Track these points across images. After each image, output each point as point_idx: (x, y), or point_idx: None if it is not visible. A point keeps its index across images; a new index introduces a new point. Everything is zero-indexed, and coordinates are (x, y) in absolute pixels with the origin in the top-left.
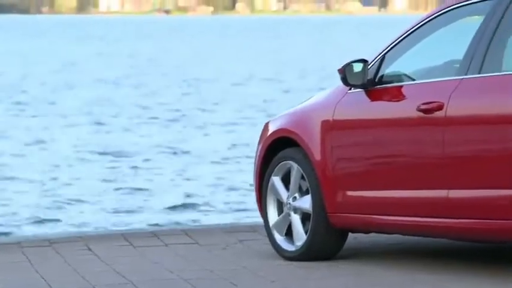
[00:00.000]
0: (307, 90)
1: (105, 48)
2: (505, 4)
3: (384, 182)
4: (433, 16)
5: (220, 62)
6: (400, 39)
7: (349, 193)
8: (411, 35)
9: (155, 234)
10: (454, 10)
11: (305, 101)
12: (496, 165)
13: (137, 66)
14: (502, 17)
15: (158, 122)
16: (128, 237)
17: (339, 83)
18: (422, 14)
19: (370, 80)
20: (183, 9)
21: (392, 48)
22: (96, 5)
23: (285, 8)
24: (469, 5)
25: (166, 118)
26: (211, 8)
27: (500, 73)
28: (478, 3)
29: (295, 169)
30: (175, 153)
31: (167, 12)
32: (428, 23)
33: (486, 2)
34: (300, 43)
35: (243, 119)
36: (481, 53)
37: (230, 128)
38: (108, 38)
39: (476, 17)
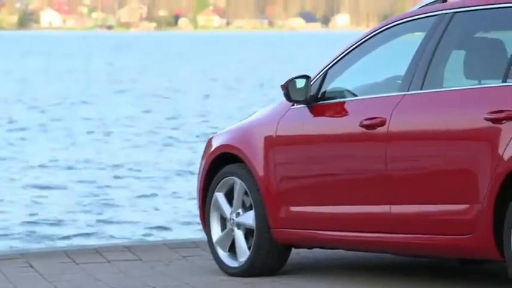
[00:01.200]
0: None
1: (51, 63)
2: (446, 21)
3: (327, 197)
4: (374, 32)
5: (172, 78)
6: (342, 55)
7: (293, 209)
8: (353, 51)
9: (98, 251)
10: (396, 27)
11: (249, 116)
12: (437, 181)
13: (90, 82)
14: (443, 34)
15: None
16: (70, 254)
17: (282, 98)
18: (364, 30)
19: (313, 96)
20: (126, 25)
21: (334, 64)
22: (37, 21)
23: (227, 24)
24: (410, 22)
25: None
26: (154, 24)
27: (442, 89)
28: (419, 20)
29: (239, 185)
30: (103, 168)
31: (109, 28)
32: (370, 40)
33: (427, 18)
34: (244, 59)
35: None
36: (422, 69)
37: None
38: (53, 53)
39: (418, 33)
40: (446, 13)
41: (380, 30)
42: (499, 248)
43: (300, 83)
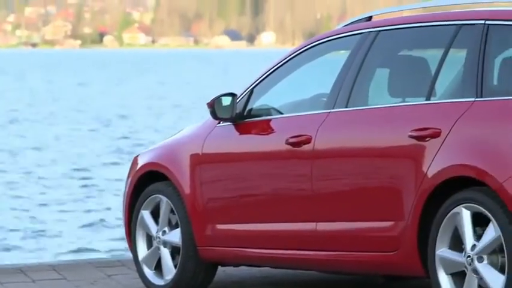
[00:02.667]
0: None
1: None
2: (371, 39)
3: (253, 215)
4: (300, 50)
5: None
6: (268, 73)
7: (219, 226)
8: (279, 69)
9: (22, 270)
10: (321, 45)
11: (174, 134)
12: (363, 198)
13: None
14: (368, 52)
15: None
16: None
17: (208, 116)
18: (289, 48)
19: (239, 114)
20: (51, 43)
21: (260, 82)
22: None
23: (153, 41)
24: (335, 40)
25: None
26: (79, 42)
27: (367, 107)
28: (344, 38)
29: (165, 203)
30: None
31: (34, 45)
32: (295, 58)
33: (352, 37)
34: (171, 77)
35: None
36: (347, 87)
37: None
38: None
39: (343, 51)
40: (371, 31)
41: (305, 48)
42: (424, 264)
43: (226, 101)
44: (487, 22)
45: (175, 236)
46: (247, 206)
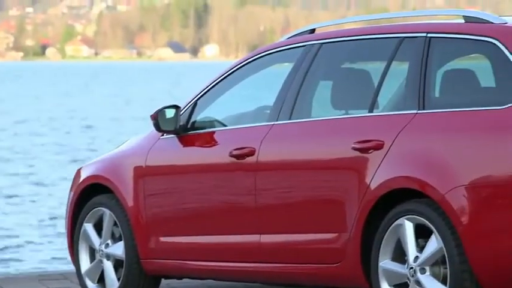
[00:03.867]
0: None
1: None
2: (314, 51)
3: (197, 227)
4: (244, 63)
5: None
6: (211, 85)
7: (163, 239)
8: (223, 81)
9: None
10: (265, 57)
11: (118, 146)
12: (306, 210)
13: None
14: (311, 64)
15: None
16: None
17: (152, 128)
18: (233, 60)
19: (183, 126)
20: None
21: (204, 94)
22: None
23: (96, 54)
24: (279, 52)
25: None
26: (20, 54)
27: (310, 119)
28: (288, 51)
29: (108, 215)
30: None
31: None
32: (239, 70)
33: (295, 49)
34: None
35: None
36: (291, 99)
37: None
38: None
39: (287, 63)
40: (314, 44)
41: (249, 60)
42: (367, 276)
43: (170, 113)
44: (429, 35)
45: (118, 249)
46: (191, 218)
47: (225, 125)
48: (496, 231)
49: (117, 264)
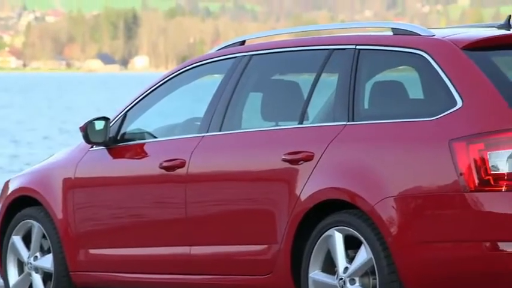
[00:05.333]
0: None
1: None
2: (244, 63)
3: (127, 239)
4: (174, 74)
5: None
6: (141, 96)
7: (92, 251)
8: (153, 92)
9: None
10: (195, 68)
11: (47, 158)
12: (237, 222)
13: None
14: (241, 76)
15: None
16: None
17: (81, 140)
18: (163, 72)
19: (112, 138)
20: None
21: (134, 106)
22: None
23: (24, 65)
24: (209, 64)
25: None
26: None
27: (240, 130)
28: (218, 62)
29: (36, 228)
30: None
31: None
32: (169, 81)
33: (225, 61)
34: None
35: None
36: (221, 110)
37: None
38: None
39: (217, 75)
40: (244, 55)
41: (179, 72)
42: (297, 287)
43: (99, 125)
44: (358, 47)
45: (47, 262)
46: (121, 230)
47: (155, 137)
48: (424, 241)
49: (46, 277)
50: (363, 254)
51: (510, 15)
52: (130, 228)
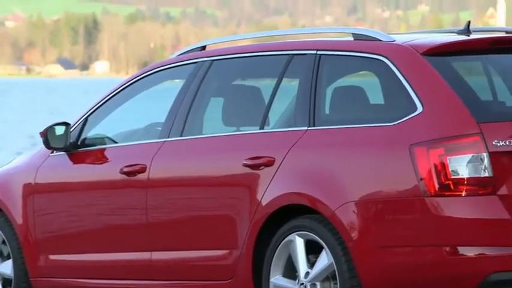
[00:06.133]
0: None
1: None
2: (205, 68)
3: (87, 245)
4: (134, 79)
5: None
6: (102, 102)
7: (52, 257)
8: (113, 98)
9: None
10: (155, 74)
11: (6, 164)
12: (198, 227)
13: None
14: (202, 81)
15: None
16: None
17: (41, 145)
18: (124, 77)
19: (73, 143)
20: None
21: (94, 111)
22: None
23: None
24: (170, 69)
25: None
26: None
27: (201, 136)
28: (179, 67)
29: None
30: None
31: None
32: (130, 86)
33: (186, 66)
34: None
35: None
36: (182, 116)
37: None
38: None
39: (178, 80)
40: (205, 61)
41: (140, 77)
42: None
43: (59, 130)
44: (319, 52)
45: (6, 268)
46: (82, 236)
47: (116, 142)
48: (385, 246)
49: (6, 284)
50: (324, 259)
51: (469, 21)
52: (91, 234)
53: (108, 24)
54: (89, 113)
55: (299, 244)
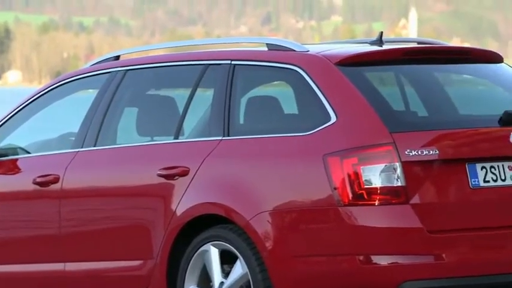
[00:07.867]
0: None
1: None
2: (119, 78)
3: (0, 256)
4: (48, 89)
5: None
6: (14, 112)
7: None
8: (26, 107)
9: None
10: (69, 83)
11: None
12: (112, 238)
13: None
14: (116, 91)
15: None
16: None
17: None
18: (37, 87)
19: None
20: None
21: (6, 121)
22: None
23: None
24: (83, 79)
25: None
26: None
27: (115, 146)
28: (92, 77)
29: None
30: None
31: None
32: (43, 96)
33: (99, 75)
34: None
35: None
36: (96, 126)
37: None
38: None
39: (91, 90)
40: (118, 70)
41: (53, 86)
42: None
43: None
44: (233, 62)
45: None
46: None
47: (28, 152)
48: (299, 255)
49: None
50: (239, 269)
51: (382, 32)
52: (3, 245)
53: (20, 33)
54: (1, 123)
55: (214, 254)
